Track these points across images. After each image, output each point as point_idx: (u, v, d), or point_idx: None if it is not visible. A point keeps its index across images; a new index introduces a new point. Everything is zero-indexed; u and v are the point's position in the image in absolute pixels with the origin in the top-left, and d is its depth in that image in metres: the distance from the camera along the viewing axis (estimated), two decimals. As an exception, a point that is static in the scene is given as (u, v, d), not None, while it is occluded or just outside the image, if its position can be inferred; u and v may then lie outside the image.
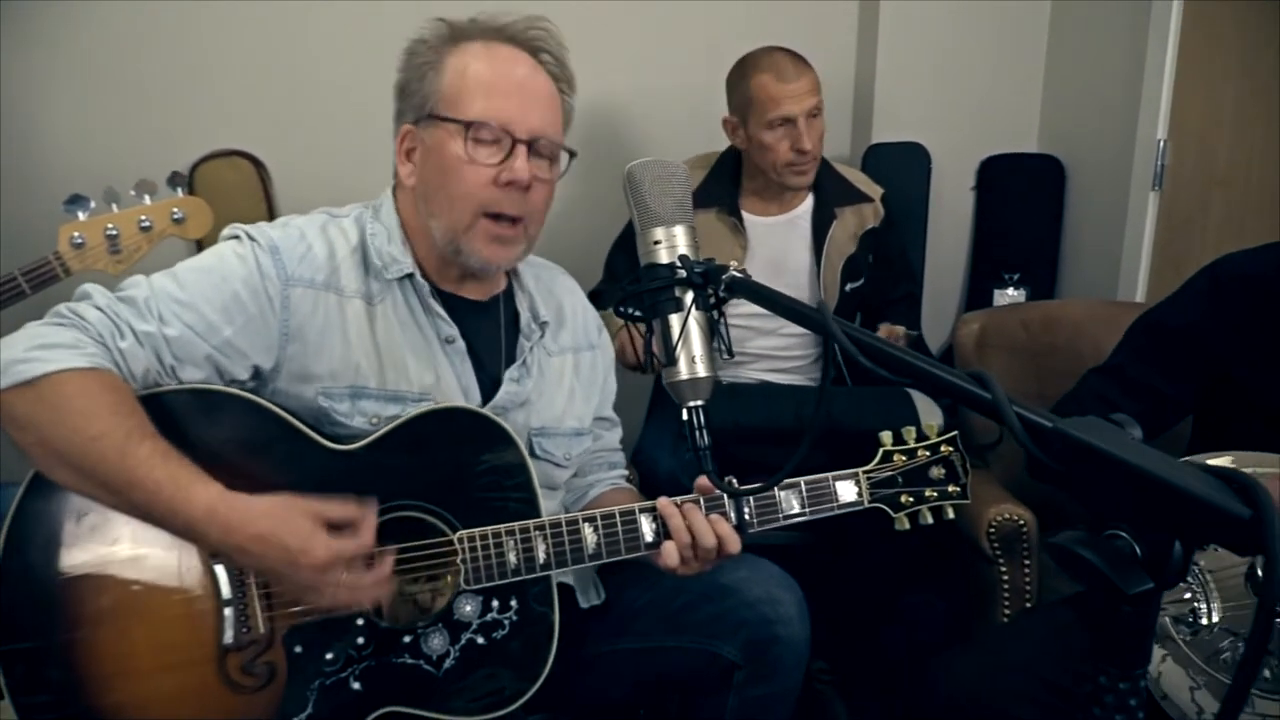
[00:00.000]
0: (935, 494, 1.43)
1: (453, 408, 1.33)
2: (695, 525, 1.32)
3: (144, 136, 2.33)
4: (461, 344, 1.40)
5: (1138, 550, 0.56)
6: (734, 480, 1.37)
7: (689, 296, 1.02)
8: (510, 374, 1.44)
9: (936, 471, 1.44)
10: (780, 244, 2.30)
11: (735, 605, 1.45)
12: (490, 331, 1.46)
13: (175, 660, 1.21)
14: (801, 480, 1.39)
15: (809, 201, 2.32)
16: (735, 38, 2.32)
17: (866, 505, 1.41)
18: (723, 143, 2.31)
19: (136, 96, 2.36)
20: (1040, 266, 2.85)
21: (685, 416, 1.04)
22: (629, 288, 1.04)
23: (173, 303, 1.25)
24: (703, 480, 1.34)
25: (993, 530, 1.82)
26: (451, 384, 1.39)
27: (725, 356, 1.06)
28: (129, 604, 1.20)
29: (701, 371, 1.02)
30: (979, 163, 2.88)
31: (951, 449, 1.45)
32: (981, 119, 2.84)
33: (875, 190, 2.37)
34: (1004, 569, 1.84)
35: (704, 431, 1.04)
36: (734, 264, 1.01)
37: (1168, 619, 1.28)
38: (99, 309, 1.22)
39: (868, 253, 2.34)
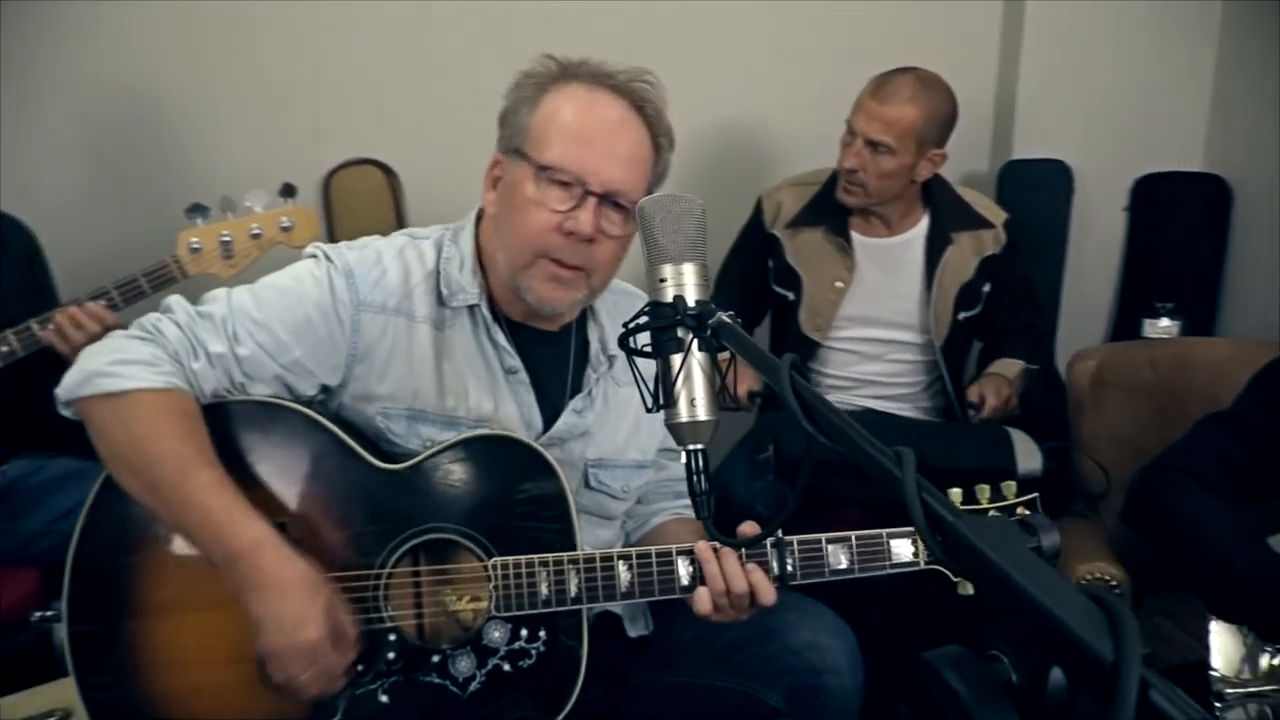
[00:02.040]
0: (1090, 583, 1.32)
1: (498, 435, 1.34)
2: (728, 572, 1.28)
3: (280, 145, 2.46)
4: (524, 374, 1.41)
5: (1014, 677, 0.50)
6: (780, 531, 1.33)
7: (690, 338, 0.99)
8: (574, 405, 1.44)
9: (1010, 535, 1.33)
10: (890, 267, 2.21)
11: (780, 650, 1.40)
12: (556, 362, 1.46)
13: (220, 656, 1.27)
14: (852, 535, 1.32)
15: (923, 224, 2.22)
16: (870, 44, 2.25)
17: (923, 566, 1.32)
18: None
19: (273, 105, 2.49)
20: (1199, 297, 2.61)
21: (684, 460, 1.01)
22: (627, 324, 1.01)
23: (248, 321, 1.31)
24: (745, 526, 1.31)
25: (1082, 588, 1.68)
26: (511, 413, 1.40)
27: (728, 402, 1.02)
28: (183, 599, 1.28)
29: (701, 415, 0.98)
30: (1133, 182, 2.66)
31: (1029, 512, 1.34)
32: (1137, 134, 2.63)
33: (998, 215, 2.24)
34: (1094, 634, 1.69)
35: (703, 476, 1.00)
36: (726, 322, 0.96)
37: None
38: (179, 326, 1.30)
39: (986, 280, 2.22)
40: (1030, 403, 2.18)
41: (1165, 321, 2.64)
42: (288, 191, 1.91)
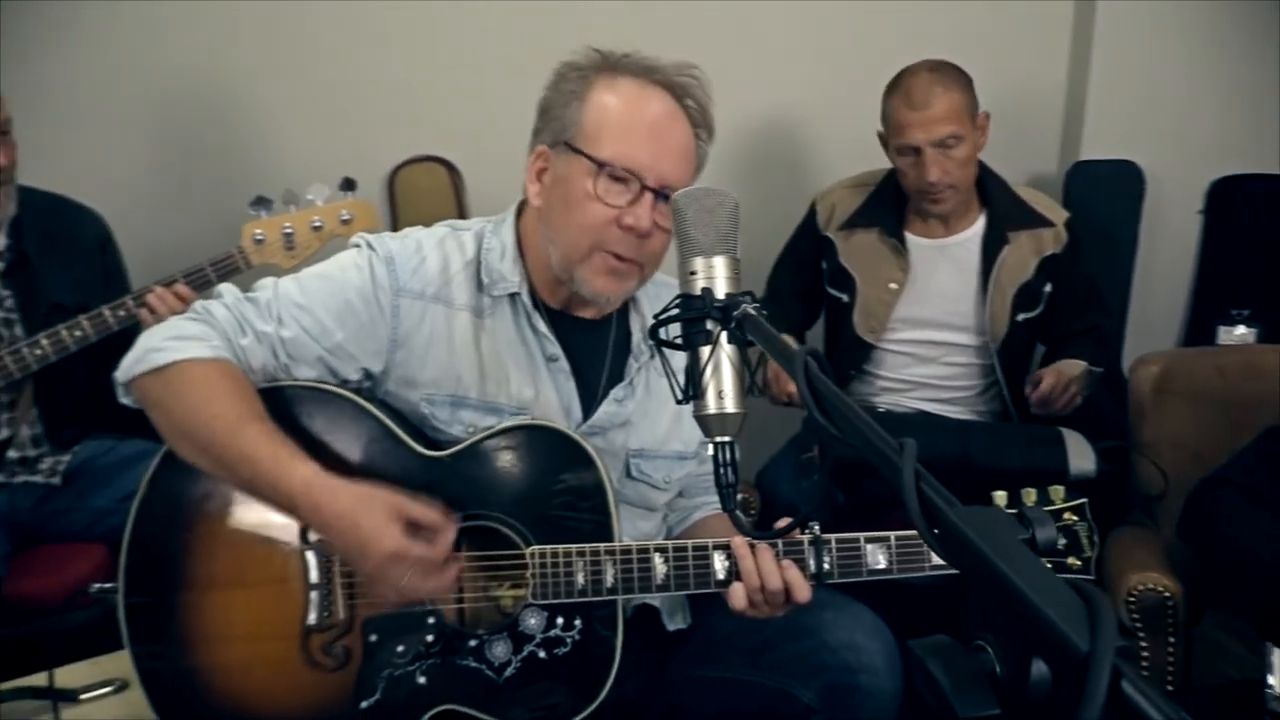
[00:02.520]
0: (1050, 566, 1.30)
1: (539, 425, 1.36)
2: (763, 568, 1.28)
3: (346, 141, 2.51)
4: (565, 362, 1.42)
5: (998, 668, 0.49)
6: (816, 527, 1.32)
7: (718, 330, 0.99)
8: (615, 393, 1.45)
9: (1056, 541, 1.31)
10: (945, 268, 2.18)
11: (816, 647, 1.40)
12: (597, 350, 1.47)
13: (266, 632, 1.31)
14: (891, 535, 1.31)
15: (979, 224, 2.18)
16: (933, 41, 2.21)
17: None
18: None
19: (340, 102, 2.55)
20: (1277, 305, 2.50)
21: (711, 452, 1.01)
22: (657, 316, 1.02)
23: (292, 306, 1.35)
24: (782, 523, 1.30)
25: (1132, 600, 1.63)
26: (551, 400, 1.42)
27: (756, 395, 1.02)
28: (233, 575, 1.32)
29: (729, 407, 0.98)
30: (1209, 184, 2.58)
31: (1077, 518, 1.31)
32: (1213, 135, 2.54)
33: (1059, 214, 2.19)
34: (1144, 645, 1.64)
35: (730, 469, 1.00)
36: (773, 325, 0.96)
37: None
38: (227, 308, 1.35)
39: (1046, 281, 2.17)
40: (1092, 406, 2.12)
41: (1241, 329, 2.54)
42: (348, 185, 1.97)
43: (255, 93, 2.50)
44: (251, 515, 1.31)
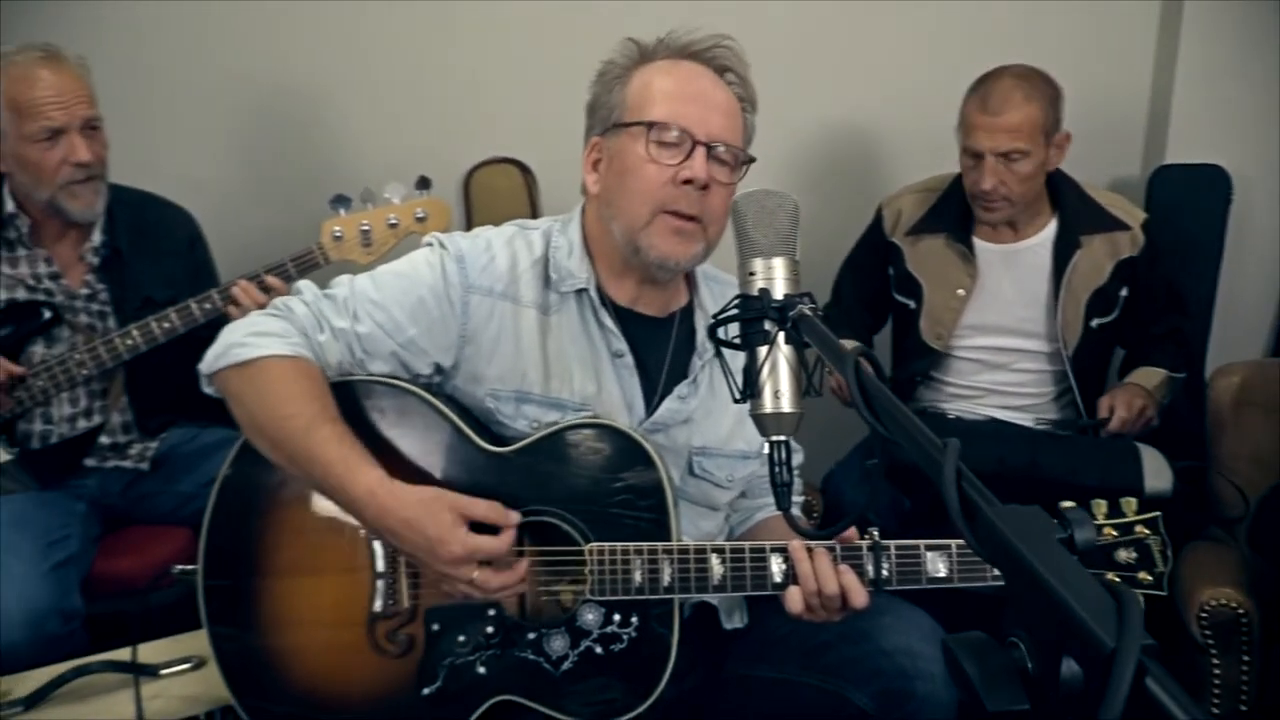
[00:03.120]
0: (1118, 580, 1.27)
1: (601, 423, 1.38)
2: (820, 572, 1.28)
3: (424, 141, 2.56)
4: (630, 359, 1.44)
5: (1029, 665, 0.49)
6: (876, 532, 1.32)
7: (776, 330, 1.00)
8: (678, 391, 1.46)
9: (1125, 555, 1.28)
10: (1015, 274, 2.14)
11: (871, 652, 1.39)
12: (661, 347, 1.49)
13: (334, 618, 1.36)
14: (953, 543, 1.30)
15: (1051, 228, 2.14)
16: (1012, 42, 2.18)
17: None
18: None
19: (419, 104, 2.61)
20: (1371, 315, 2.41)
21: (766, 450, 1.02)
22: (716, 316, 1.03)
23: (368, 303, 1.40)
24: (846, 535, 1.31)
25: (1204, 616, 1.59)
26: (615, 396, 1.44)
27: (814, 394, 1.03)
28: (303, 562, 1.38)
29: (785, 407, 0.99)
30: (1303, 189, 2.48)
31: (1149, 531, 1.28)
32: (1305, 139, 2.45)
33: (1135, 216, 2.14)
34: (1216, 661, 1.59)
35: (785, 468, 1.01)
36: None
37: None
38: (306, 305, 1.40)
39: (1123, 285, 2.12)
40: (1171, 415, 2.07)
41: (1331, 340, 2.46)
42: (423, 184, 2.02)
43: (337, 95, 2.57)
44: (323, 505, 1.36)
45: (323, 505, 1.36)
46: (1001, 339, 2.17)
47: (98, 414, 2.06)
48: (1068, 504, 1.29)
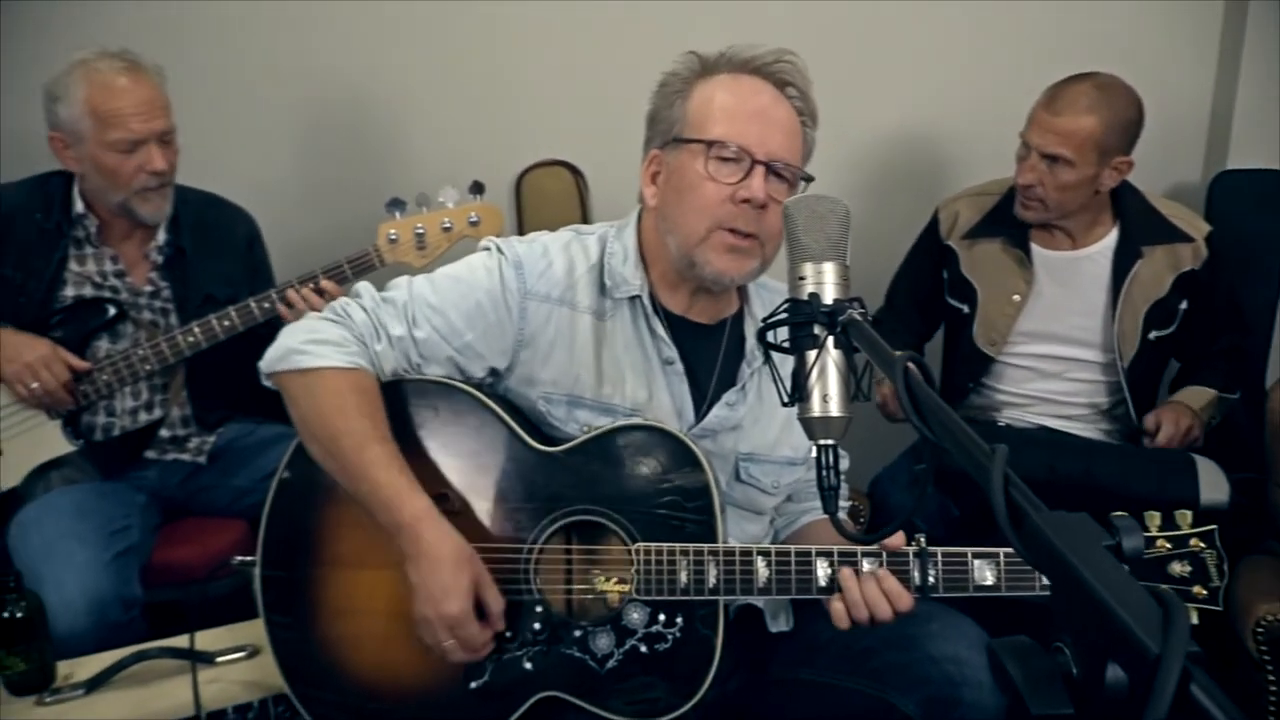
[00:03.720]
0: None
1: (650, 425, 1.39)
2: (870, 598, 1.29)
3: (476, 145, 2.61)
4: (680, 366, 1.46)
5: (1074, 670, 0.49)
6: (922, 538, 1.32)
7: (825, 334, 1.00)
8: (727, 398, 1.47)
9: (1179, 568, 1.27)
10: (1072, 282, 2.12)
11: (919, 659, 1.39)
12: (712, 354, 1.50)
13: (385, 610, 1.39)
14: (1000, 551, 1.30)
15: (1112, 236, 2.11)
16: (1072, 45, 2.16)
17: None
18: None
19: (472, 108, 2.64)
20: None
21: (815, 454, 1.02)
22: (765, 320, 1.04)
23: (426, 307, 1.42)
24: (892, 541, 1.31)
25: (1261, 631, 1.56)
26: (664, 402, 1.45)
27: (862, 400, 1.03)
28: (359, 554, 1.41)
29: (833, 411, 1.00)
30: (1369, 199, 2.42)
31: (1205, 545, 1.27)
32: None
33: (1199, 228, 2.10)
34: (1272, 678, 1.56)
35: (833, 472, 1.01)
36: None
37: None
38: (365, 310, 1.43)
39: (1182, 298, 2.08)
40: (1229, 427, 2.03)
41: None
42: (477, 188, 2.05)
43: (394, 100, 2.62)
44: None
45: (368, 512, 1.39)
46: (1056, 347, 2.15)
47: (158, 408, 2.12)
48: (1118, 514, 1.28)
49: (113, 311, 2.03)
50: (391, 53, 2.57)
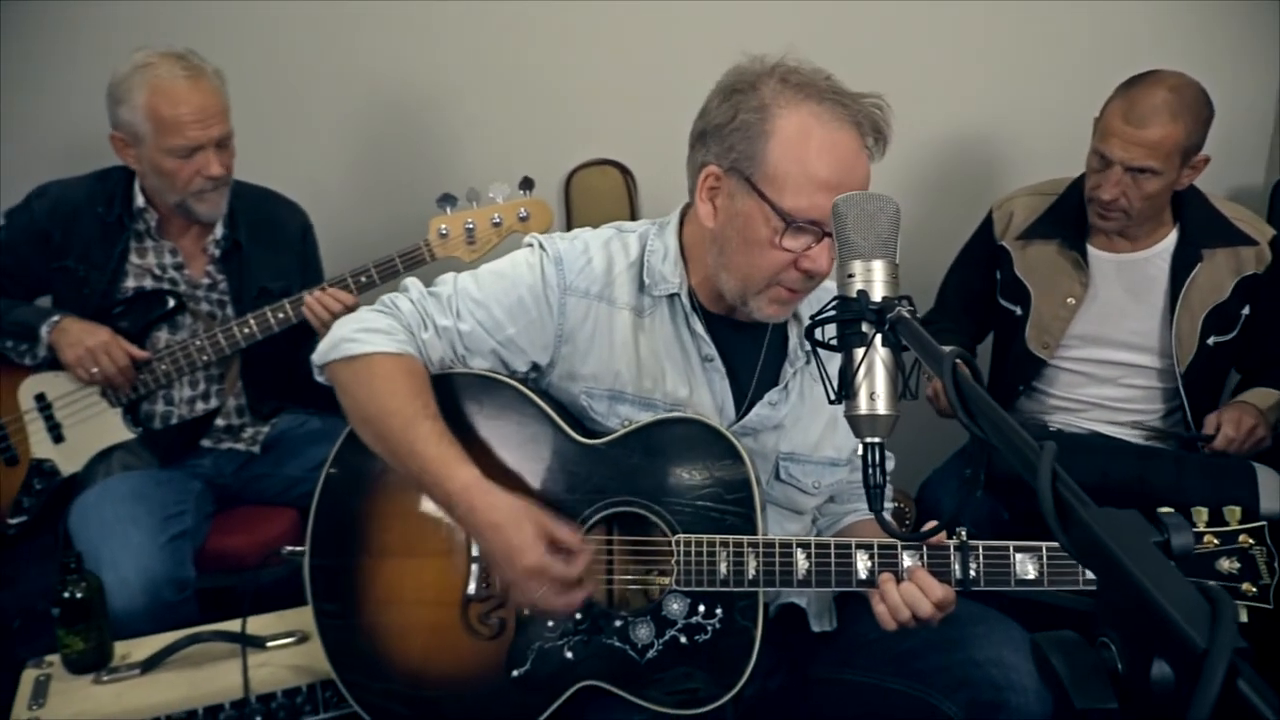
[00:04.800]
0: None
1: (692, 418, 1.40)
2: (906, 596, 1.29)
3: (528, 143, 2.64)
4: (720, 363, 1.46)
5: (1119, 666, 0.49)
6: (963, 532, 1.31)
7: (873, 332, 1.00)
8: (769, 397, 1.47)
9: (1227, 564, 1.25)
10: (1129, 285, 2.07)
11: (962, 661, 1.38)
12: (752, 353, 1.50)
13: (430, 598, 1.41)
14: (1043, 545, 1.29)
15: (1171, 238, 2.06)
16: (1131, 43, 2.12)
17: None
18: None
19: (524, 106, 2.67)
20: None
21: (860, 452, 1.02)
22: (813, 317, 1.04)
23: (470, 301, 1.45)
24: (935, 538, 1.30)
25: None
26: (705, 399, 1.46)
27: (910, 398, 1.03)
28: (404, 544, 1.43)
29: (881, 409, 1.00)
30: None
31: (1254, 541, 1.25)
32: None
33: (1264, 232, 2.04)
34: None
35: (879, 470, 1.01)
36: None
37: None
38: (411, 302, 1.46)
39: (1244, 303, 2.03)
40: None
41: None
42: (526, 184, 2.07)
43: (444, 97, 2.65)
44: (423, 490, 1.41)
45: (423, 491, 1.42)
46: (1110, 351, 2.11)
47: (215, 398, 2.17)
48: (1165, 510, 1.26)
49: (172, 303, 2.09)
50: (445, 53, 2.61)
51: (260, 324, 2.04)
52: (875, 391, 1.00)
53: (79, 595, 1.57)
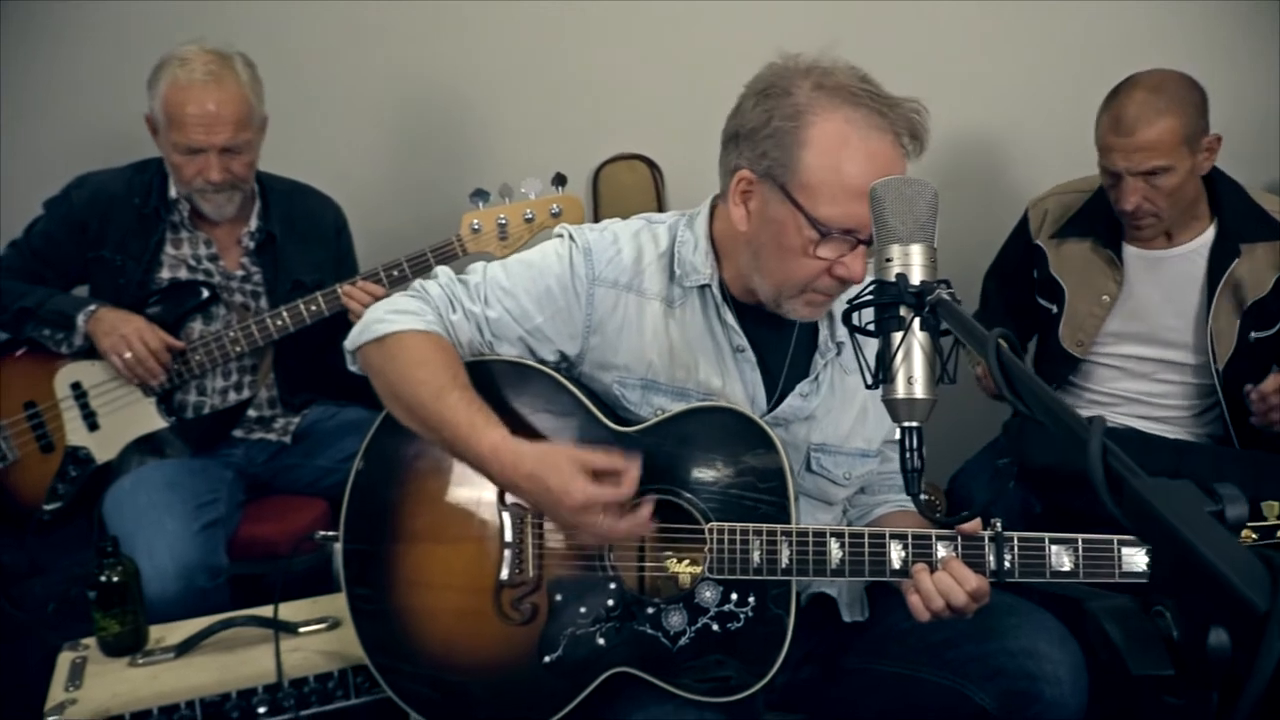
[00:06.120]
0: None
1: (725, 407, 1.41)
2: (941, 585, 1.28)
3: (558, 138, 2.66)
4: (752, 354, 1.46)
5: (1175, 633, 0.49)
6: (998, 523, 1.31)
7: (911, 316, 1.00)
8: (800, 388, 1.47)
9: (1265, 558, 1.24)
10: (1165, 281, 2.06)
11: (995, 651, 1.38)
12: (783, 344, 1.49)
13: (462, 583, 1.42)
14: (1079, 538, 1.28)
15: (1209, 233, 2.04)
16: (1132, 46, 2.11)
17: (1159, 578, 1.24)
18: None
19: (554, 102, 2.69)
20: None
21: (898, 436, 1.03)
22: (851, 301, 1.04)
23: (498, 289, 1.46)
24: (969, 527, 1.30)
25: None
26: (737, 390, 1.46)
27: (947, 382, 1.03)
28: (438, 529, 1.44)
29: (918, 393, 1.00)
30: None
31: (1293, 537, 1.24)
32: None
33: None
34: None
35: (916, 454, 1.01)
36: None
37: None
38: (441, 287, 1.47)
39: None
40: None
41: None
42: (559, 180, 2.08)
43: (474, 93, 2.67)
44: (456, 476, 1.43)
45: (456, 476, 1.43)
46: (1145, 348, 2.10)
47: (247, 388, 2.19)
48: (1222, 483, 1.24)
49: (206, 294, 2.11)
50: (476, 50, 2.63)
51: (293, 316, 2.06)
52: (913, 375, 1.01)
53: (115, 579, 1.59)
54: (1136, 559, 1.25)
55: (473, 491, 1.43)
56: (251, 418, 2.21)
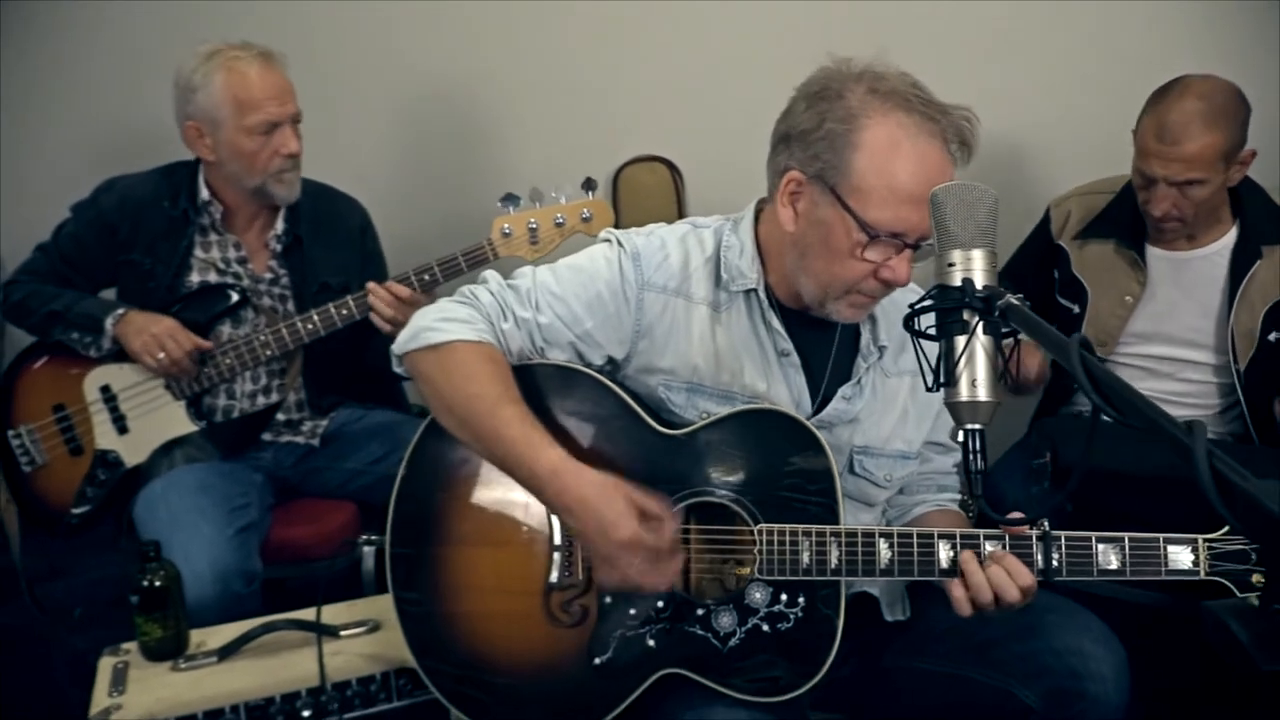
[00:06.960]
0: None
1: (772, 410, 1.42)
2: (994, 579, 1.29)
3: (580, 140, 2.67)
4: (796, 358, 1.47)
5: (1299, 629, 0.50)
6: (1045, 523, 1.32)
7: (976, 320, 1.02)
8: (843, 391, 1.49)
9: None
10: (1187, 282, 2.08)
11: (1040, 650, 1.39)
12: (826, 348, 1.51)
13: (511, 587, 1.43)
14: (1125, 536, 1.30)
15: (1231, 235, 2.07)
16: (1172, 39, 2.12)
17: (1204, 577, 1.26)
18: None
19: (577, 105, 2.71)
20: None
21: (961, 439, 1.04)
22: (913, 305, 1.06)
23: (548, 294, 1.46)
24: (1016, 516, 1.31)
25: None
26: (782, 393, 1.47)
27: (1006, 385, 1.04)
28: (485, 533, 1.45)
29: (981, 396, 1.01)
30: None
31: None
32: None
33: None
34: None
35: (979, 456, 1.03)
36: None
37: None
38: (491, 294, 1.47)
39: None
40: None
41: None
42: (589, 185, 2.08)
43: (494, 95, 2.69)
44: (504, 478, 1.42)
45: (504, 479, 1.43)
46: (1167, 348, 2.12)
47: (276, 392, 2.19)
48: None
49: (235, 297, 2.11)
50: (495, 53, 2.64)
51: (324, 319, 2.07)
52: (976, 378, 1.02)
53: (158, 583, 1.60)
54: (1182, 557, 1.27)
55: (521, 495, 1.43)
56: (280, 421, 2.21)
